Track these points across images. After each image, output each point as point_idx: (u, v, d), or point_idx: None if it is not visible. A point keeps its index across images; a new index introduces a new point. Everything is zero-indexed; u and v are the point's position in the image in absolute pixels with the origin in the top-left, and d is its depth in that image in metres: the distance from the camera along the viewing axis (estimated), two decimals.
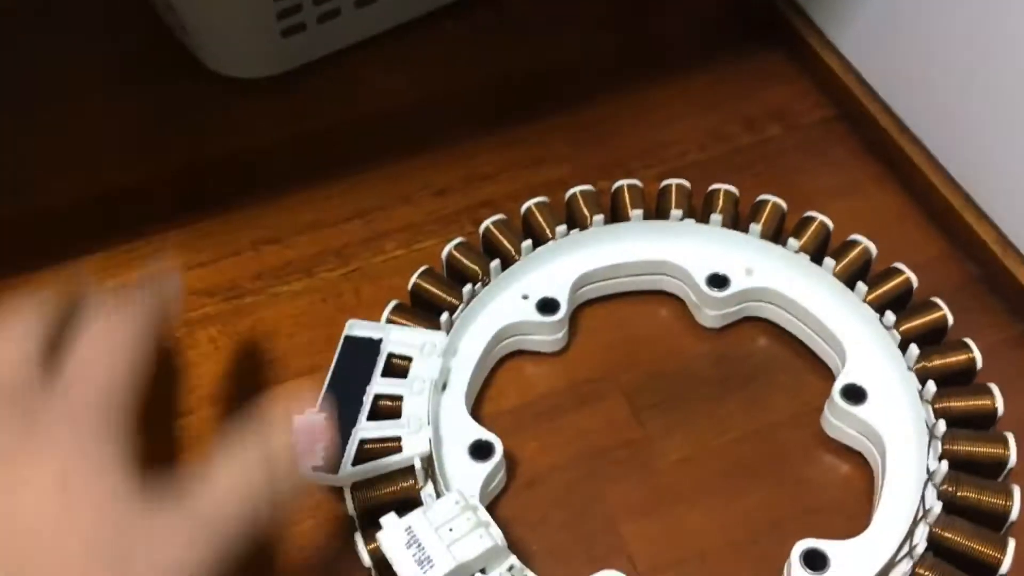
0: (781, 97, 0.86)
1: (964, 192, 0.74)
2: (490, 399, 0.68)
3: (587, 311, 0.73)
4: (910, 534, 0.55)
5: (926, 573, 0.54)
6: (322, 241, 0.76)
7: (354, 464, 0.59)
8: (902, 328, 0.63)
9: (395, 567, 0.53)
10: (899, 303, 0.66)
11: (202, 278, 0.74)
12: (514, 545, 0.56)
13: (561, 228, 0.70)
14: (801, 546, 0.55)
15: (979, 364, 0.61)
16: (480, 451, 0.61)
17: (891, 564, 0.54)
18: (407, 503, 0.57)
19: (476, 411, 0.67)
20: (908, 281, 0.66)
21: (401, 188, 0.77)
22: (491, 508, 0.61)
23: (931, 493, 0.57)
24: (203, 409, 0.66)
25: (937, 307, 0.64)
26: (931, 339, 0.64)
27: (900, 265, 0.67)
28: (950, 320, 0.64)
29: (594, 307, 0.73)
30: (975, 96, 0.71)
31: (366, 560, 0.56)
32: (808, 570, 0.55)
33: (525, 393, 0.68)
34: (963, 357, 0.62)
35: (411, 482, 0.58)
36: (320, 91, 0.86)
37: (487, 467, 0.61)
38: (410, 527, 0.54)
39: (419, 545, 0.53)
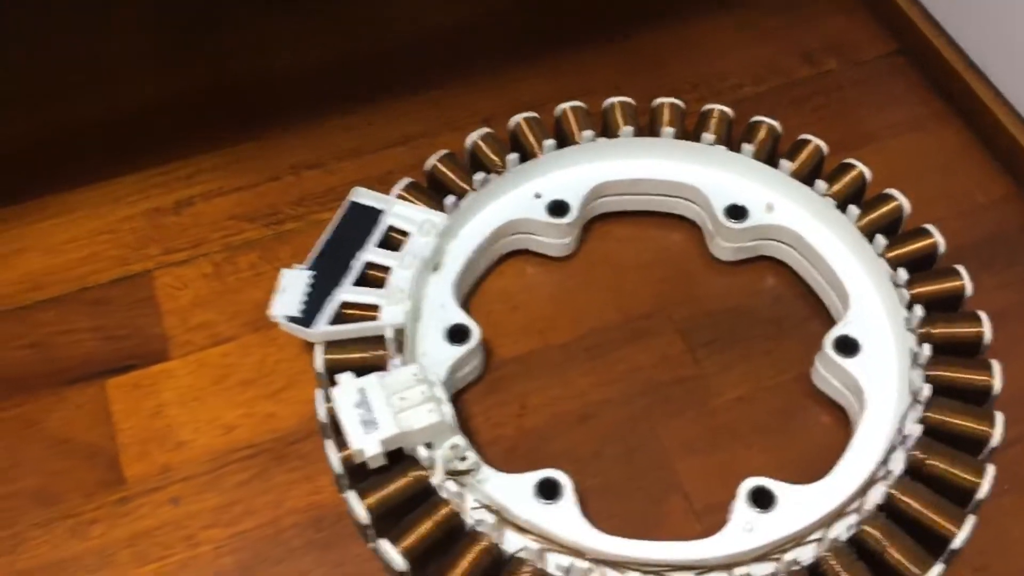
0: (840, 29, 0.83)
1: None
2: (485, 292, 0.68)
3: (600, 225, 0.72)
4: (863, 491, 0.53)
5: (872, 531, 0.52)
6: (365, 167, 0.74)
7: (330, 323, 0.59)
8: (914, 289, 0.61)
9: (341, 424, 0.53)
10: (919, 264, 0.63)
11: (241, 203, 0.72)
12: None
13: (588, 133, 0.69)
14: (750, 483, 0.54)
15: (987, 338, 0.59)
16: (456, 335, 0.61)
17: (837, 515, 0.53)
18: (375, 370, 0.57)
19: (468, 300, 0.67)
20: (934, 244, 0.63)
21: (447, 115, 0.75)
22: (549, 441, 0.60)
23: (899, 456, 0.55)
24: (245, 336, 0.65)
25: (956, 275, 0.62)
26: (944, 306, 0.61)
27: (930, 227, 0.64)
28: (968, 290, 0.61)
29: (608, 222, 0.72)
30: None
31: (322, 415, 0.56)
32: (754, 507, 0.54)
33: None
34: (971, 329, 0.60)
35: (381, 351, 0.58)
36: (365, 12, 0.84)
37: (460, 351, 0.60)
38: (363, 388, 0.54)
39: (368, 407, 0.53)
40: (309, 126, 0.75)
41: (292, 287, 0.60)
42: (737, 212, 0.66)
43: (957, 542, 0.51)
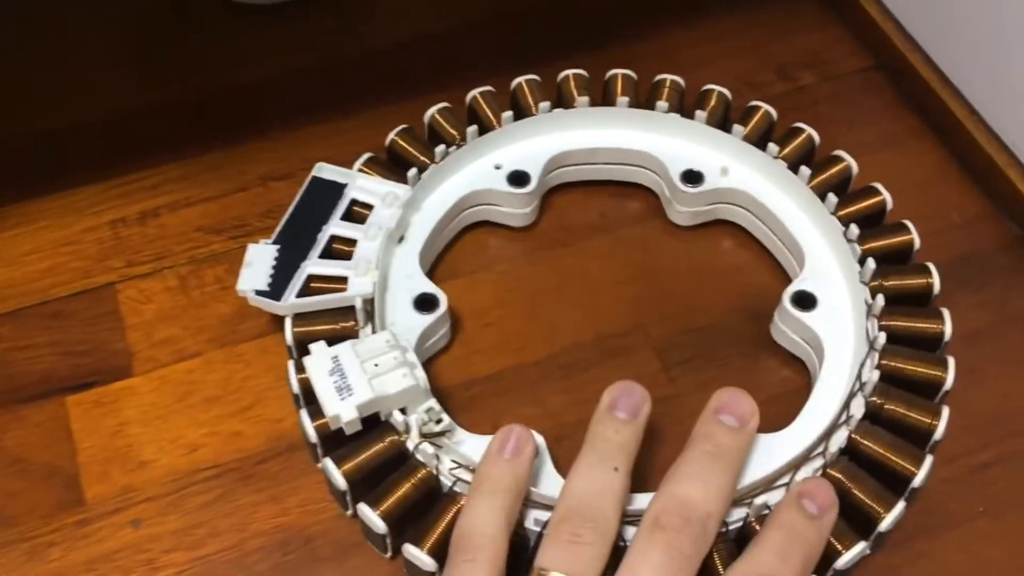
0: (816, 44, 0.82)
1: (1008, 150, 0.71)
2: (448, 263, 0.69)
3: (559, 196, 0.73)
4: (826, 436, 0.54)
5: (836, 474, 0.53)
6: None
7: (298, 296, 0.60)
8: (865, 244, 0.62)
9: (316, 391, 0.54)
10: (870, 221, 0.65)
11: (208, 214, 0.72)
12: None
13: (545, 104, 0.69)
14: None
15: (936, 289, 0.61)
16: (424, 304, 0.62)
17: (802, 460, 0.54)
18: (345, 341, 0.57)
19: (433, 271, 0.68)
20: (883, 202, 0.65)
21: (418, 124, 0.72)
22: None
23: (859, 402, 0.56)
24: (210, 351, 0.65)
25: (906, 230, 0.63)
26: (895, 260, 0.63)
27: (878, 185, 0.66)
28: (916, 243, 0.63)
29: (567, 192, 0.73)
30: (1023, 47, 0.68)
31: (295, 387, 0.57)
32: None
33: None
34: (921, 281, 0.61)
35: (351, 322, 0.59)
36: (332, 21, 0.83)
37: (428, 319, 0.61)
38: (336, 356, 0.55)
39: (342, 374, 0.54)
40: (278, 136, 0.75)
41: (258, 261, 0.61)
42: (693, 177, 0.67)
43: (917, 481, 0.53)
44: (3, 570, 0.55)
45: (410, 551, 0.50)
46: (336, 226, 0.63)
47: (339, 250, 0.63)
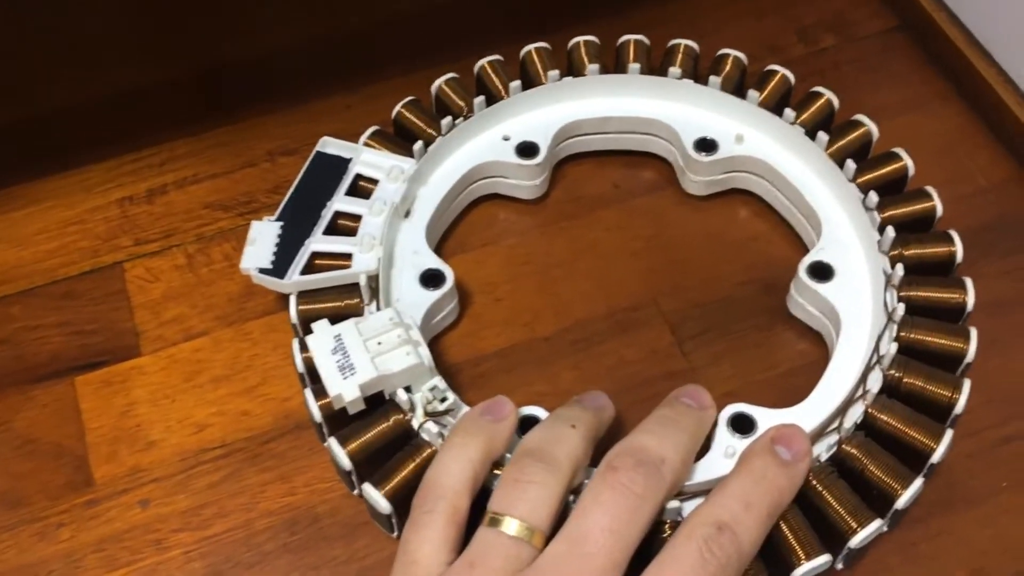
0: (838, 4, 0.80)
1: None
2: (457, 237, 0.68)
3: (570, 167, 0.71)
4: (842, 411, 0.53)
5: (852, 450, 0.52)
6: None
7: (303, 273, 0.59)
8: (885, 212, 0.60)
9: (319, 370, 0.53)
10: (890, 188, 0.63)
11: (215, 191, 0.71)
12: None
13: (554, 73, 0.68)
14: (730, 409, 0.54)
15: (959, 258, 0.59)
16: (430, 280, 0.61)
17: (817, 436, 0.53)
18: (350, 318, 0.57)
19: (440, 245, 0.67)
20: (904, 168, 0.63)
21: (427, 96, 0.70)
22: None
23: (876, 376, 0.54)
24: (218, 330, 0.64)
25: (928, 196, 0.61)
26: (916, 228, 0.61)
27: (899, 150, 0.63)
28: (939, 210, 0.61)
29: (578, 162, 0.71)
30: None
31: (299, 365, 0.56)
32: (735, 433, 0.54)
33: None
34: (943, 249, 0.59)
35: (356, 299, 0.58)
36: None
37: (435, 295, 0.60)
38: (339, 335, 0.54)
39: (344, 352, 0.53)
40: (286, 110, 0.74)
41: (262, 239, 0.60)
42: (707, 145, 0.66)
43: (936, 456, 0.51)
44: (14, 551, 0.55)
45: None
46: (340, 201, 0.62)
47: (344, 226, 0.62)
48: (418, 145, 0.64)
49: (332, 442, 0.53)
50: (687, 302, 0.63)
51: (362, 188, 0.63)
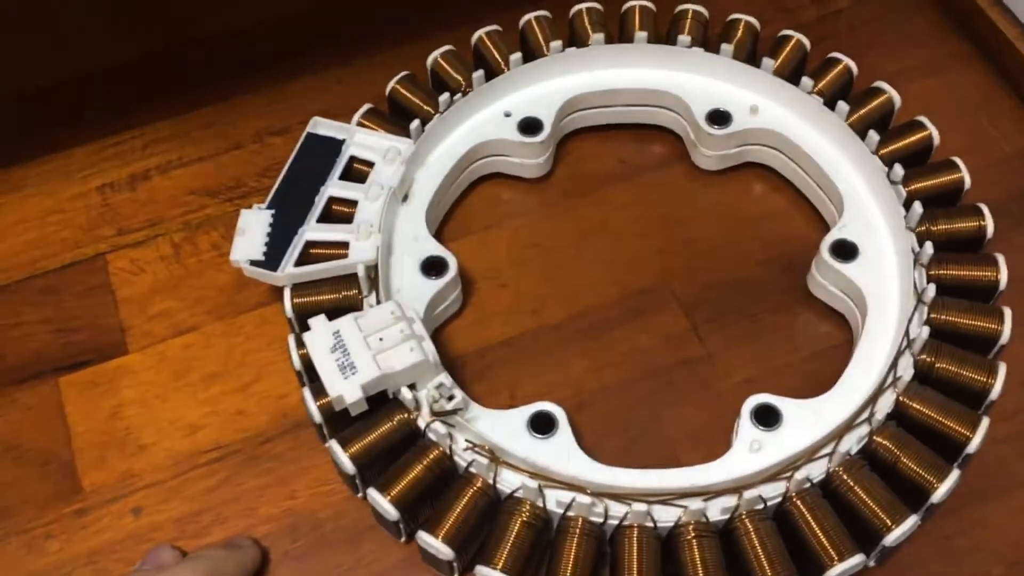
0: None
1: None
2: (458, 220, 0.64)
3: (576, 141, 0.68)
4: (872, 401, 0.50)
5: (883, 441, 0.49)
6: None
7: (297, 264, 0.56)
8: (911, 185, 0.57)
9: (318, 370, 0.50)
10: (915, 160, 0.59)
11: (201, 175, 0.67)
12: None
13: (556, 44, 0.64)
14: (753, 401, 0.51)
15: (990, 232, 0.55)
16: (432, 268, 0.58)
17: (847, 428, 0.50)
18: (349, 312, 0.54)
19: (441, 229, 0.63)
20: (929, 137, 0.59)
21: (421, 69, 0.66)
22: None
23: (907, 362, 0.51)
24: (208, 324, 0.60)
25: (955, 167, 0.58)
26: (944, 201, 0.58)
27: (923, 119, 0.60)
28: (967, 183, 0.57)
29: (584, 137, 0.68)
30: None
31: (296, 363, 0.53)
32: (759, 426, 0.51)
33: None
34: (973, 224, 0.56)
35: (354, 291, 0.55)
36: None
37: (437, 285, 0.57)
38: (338, 331, 0.51)
39: (344, 350, 0.50)
40: (274, 88, 0.70)
41: (252, 228, 0.57)
42: (719, 117, 0.63)
43: (972, 446, 0.49)
44: (2, 565, 0.53)
45: (425, 539, 0.47)
46: (335, 187, 0.59)
47: (339, 212, 0.58)
48: (415, 124, 0.60)
49: (333, 445, 0.50)
50: (702, 284, 0.60)
51: (357, 171, 0.60)
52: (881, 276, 0.55)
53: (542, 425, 0.51)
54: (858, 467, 0.48)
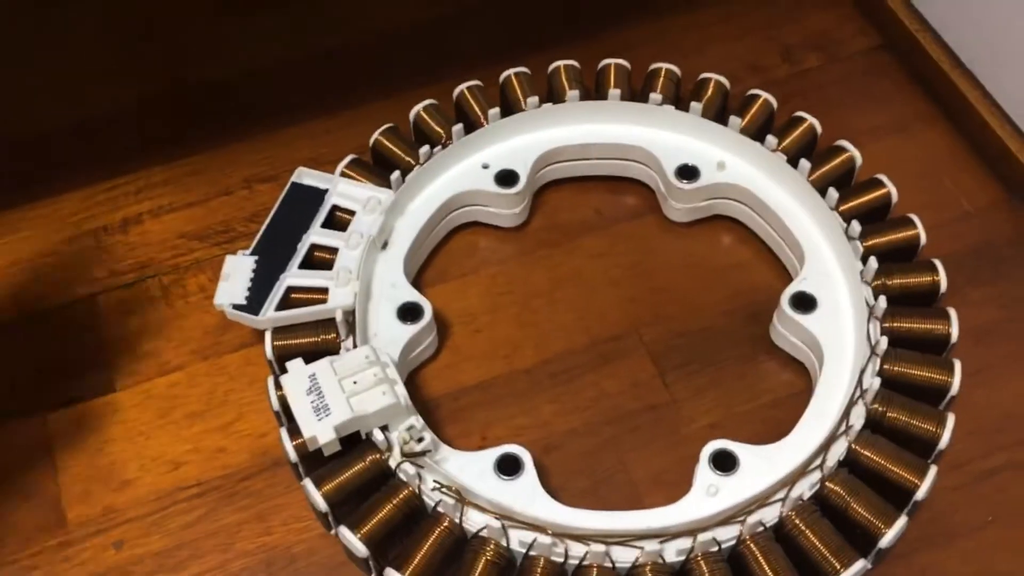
0: (822, 24, 0.79)
1: (1023, 133, 0.67)
2: (436, 266, 0.67)
3: (551, 193, 0.70)
4: (825, 447, 0.52)
5: (835, 487, 0.51)
6: None
7: (278, 309, 0.58)
8: (869, 241, 0.60)
9: (293, 411, 0.52)
10: (874, 215, 0.62)
11: (191, 220, 0.69)
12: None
13: (533, 99, 0.67)
14: (712, 446, 0.53)
15: (943, 287, 0.58)
16: (408, 313, 0.60)
17: (800, 474, 0.52)
18: (327, 355, 0.56)
19: (420, 275, 0.66)
20: (887, 195, 0.62)
21: (406, 120, 0.68)
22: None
23: (860, 411, 0.53)
24: (193, 364, 0.63)
25: (911, 224, 0.60)
26: (900, 256, 0.60)
27: (882, 177, 0.62)
28: (923, 239, 0.60)
29: (559, 188, 0.70)
30: None
31: (274, 403, 0.55)
32: (717, 471, 0.53)
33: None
34: (927, 279, 0.58)
35: (332, 334, 0.57)
36: (320, 10, 0.80)
37: (413, 330, 0.60)
38: (314, 374, 0.54)
39: (319, 393, 0.53)
40: (262, 136, 0.73)
41: (236, 274, 0.59)
42: (688, 172, 0.65)
43: (920, 494, 0.51)
44: None
45: None
46: (316, 234, 0.61)
47: (320, 259, 0.61)
48: (395, 175, 0.63)
49: (307, 483, 0.52)
50: (669, 332, 0.62)
51: (339, 219, 0.62)
52: (838, 328, 0.58)
53: (508, 467, 0.53)
54: (810, 512, 0.50)
